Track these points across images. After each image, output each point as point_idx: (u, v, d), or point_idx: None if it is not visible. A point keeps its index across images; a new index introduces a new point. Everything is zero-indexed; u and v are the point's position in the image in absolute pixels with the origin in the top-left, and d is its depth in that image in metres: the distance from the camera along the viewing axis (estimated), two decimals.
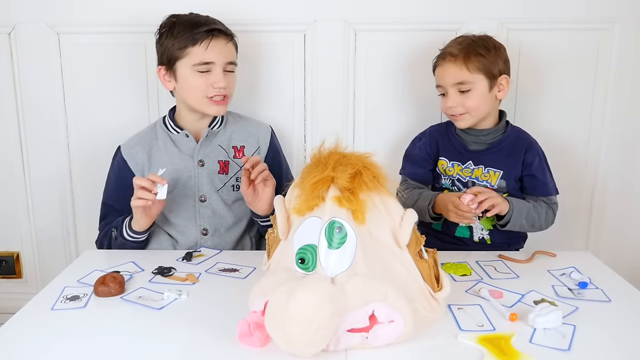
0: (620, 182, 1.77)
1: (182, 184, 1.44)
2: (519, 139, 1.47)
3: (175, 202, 1.44)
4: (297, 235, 0.92)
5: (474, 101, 1.41)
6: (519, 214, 1.36)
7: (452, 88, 1.42)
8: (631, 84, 1.70)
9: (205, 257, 1.32)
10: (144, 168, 1.45)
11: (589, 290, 1.11)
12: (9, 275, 1.88)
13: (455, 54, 1.41)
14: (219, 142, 1.47)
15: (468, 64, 1.39)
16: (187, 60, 1.39)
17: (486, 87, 1.41)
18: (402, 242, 0.94)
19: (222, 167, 1.46)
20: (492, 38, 1.45)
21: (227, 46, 1.43)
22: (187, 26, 1.40)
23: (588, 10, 1.65)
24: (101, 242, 1.46)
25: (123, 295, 1.09)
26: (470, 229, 1.47)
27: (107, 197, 1.49)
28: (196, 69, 1.39)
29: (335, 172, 0.91)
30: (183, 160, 1.44)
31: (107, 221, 1.46)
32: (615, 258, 1.64)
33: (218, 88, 1.40)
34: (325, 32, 1.68)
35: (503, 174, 1.43)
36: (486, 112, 1.44)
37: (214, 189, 1.45)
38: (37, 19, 1.68)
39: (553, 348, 0.89)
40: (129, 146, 1.47)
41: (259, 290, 0.91)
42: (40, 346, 0.91)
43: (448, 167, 1.49)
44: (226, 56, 1.42)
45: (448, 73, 1.42)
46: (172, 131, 1.47)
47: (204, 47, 1.38)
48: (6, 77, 1.73)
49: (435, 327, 0.95)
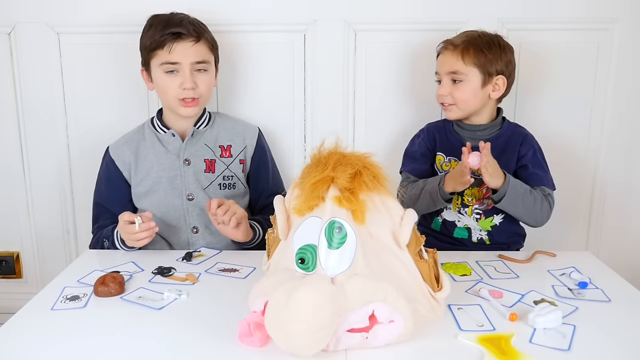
0: (620, 181, 1.77)
1: (169, 182, 1.45)
2: (514, 134, 1.47)
3: (164, 202, 1.45)
4: (297, 235, 0.92)
5: (463, 94, 1.43)
6: (514, 190, 1.34)
7: (446, 76, 1.45)
8: (631, 84, 1.70)
9: (205, 257, 1.32)
10: (131, 167, 1.47)
11: (589, 290, 1.11)
12: (9, 275, 1.88)
13: (456, 44, 1.43)
14: (206, 141, 1.49)
15: (465, 56, 1.41)
16: (156, 61, 1.42)
17: (479, 83, 1.42)
18: (402, 242, 0.94)
19: (209, 166, 1.47)
20: (502, 38, 1.45)
21: (195, 47, 1.42)
22: (157, 28, 1.42)
23: (588, 10, 1.65)
24: (94, 248, 1.46)
25: (123, 295, 1.09)
26: (469, 230, 1.47)
27: (98, 197, 1.51)
28: (164, 69, 1.42)
29: (335, 172, 0.91)
30: (169, 159, 1.46)
31: (100, 224, 1.47)
32: (615, 258, 1.63)
33: (185, 89, 1.41)
34: (325, 32, 1.68)
35: None
36: (475, 108, 1.45)
37: (201, 187, 1.46)
38: (37, 19, 1.68)
39: (553, 348, 0.89)
40: (117, 146, 1.50)
41: (258, 290, 0.91)
42: (40, 346, 0.91)
43: (444, 163, 1.49)
44: (194, 56, 1.42)
45: (445, 61, 1.45)
46: (159, 131, 1.49)
47: (167, 49, 1.40)
48: (6, 77, 1.73)
49: (435, 327, 0.95)
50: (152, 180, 1.46)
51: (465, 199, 1.46)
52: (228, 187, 1.49)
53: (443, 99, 1.46)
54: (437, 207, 1.43)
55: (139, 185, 1.47)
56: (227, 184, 1.48)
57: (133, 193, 1.48)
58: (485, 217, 1.45)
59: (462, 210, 1.46)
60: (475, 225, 1.46)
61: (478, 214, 1.45)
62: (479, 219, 1.45)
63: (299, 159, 1.77)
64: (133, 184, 1.48)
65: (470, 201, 1.45)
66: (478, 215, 1.45)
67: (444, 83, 1.46)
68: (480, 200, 1.44)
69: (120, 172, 1.47)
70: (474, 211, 1.45)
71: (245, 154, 1.52)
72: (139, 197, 1.48)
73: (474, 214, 1.45)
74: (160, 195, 1.45)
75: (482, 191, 1.44)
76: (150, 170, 1.46)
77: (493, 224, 1.45)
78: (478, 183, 1.41)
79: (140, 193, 1.47)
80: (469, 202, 1.45)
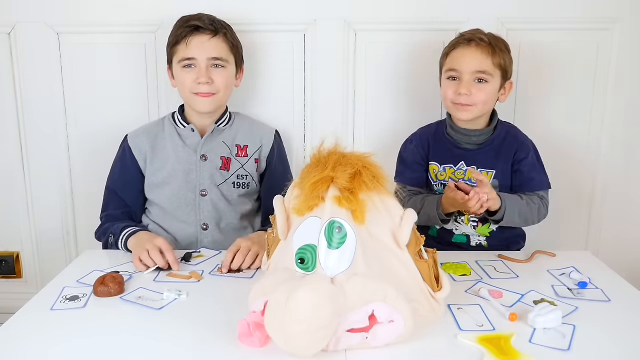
0: (620, 181, 1.77)
1: (184, 177, 1.45)
2: (508, 136, 1.44)
3: (177, 195, 1.46)
4: (297, 236, 0.92)
5: (486, 95, 1.36)
6: (511, 211, 1.33)
7: (470, 75, 1.36)
8: (631, 84, 1.70)
9: (205, 257, 1.32)
10: (147, 157, 1.48)
11: (588, 290, 1.11)
12: (9, 275, 1.88)
13: (486, 41, 1.36)
14: (224, 139, 1.50)
15: (494, 56, 1.35)
16: (176, 58, 1.46)
17: (497, 86, 1.39)
18: (402, 242, 0.94)
19: (224, 164, 1.48)
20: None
21: (212, 42, 1.44)
22: (180, 24, 1.46)
23: (588, 10, 1.65)
24: (99, 238, 1.47)
25: (123, 296, 1.09)
26: (468, 237, 1.46)
27: (111, 183, 1.51)
28: (182, 65, 1.44)
29: (335, 172, 0.91)
30: (186, 154, 1.47)
31: (109, 214, 1.47)
32: (615, 258, 1.63)
33: (201, 84, 1.42)
34: (325, 32, 1.68)
35: (496, 173, 1.42)
36: (488, 111, 1.43)
37: (215, 184, 1.46)
38: (37, 19, 1.68)
39: (553, 348, 0.89)
40: (136, 135, 1.51)
41: (258, 290, 0.91)
42: (39, 346, 0.91)
43: (439, 172, 1.46)
44: (210, 51, 1.43)
45: (472, 58, 1.36)
46: (180, 125, 1.50)
47: (184, 43, 1.43)
48: (6, 77, 1.73)
49: (435, 327, 0.95)
50: (167, 173, 1.46)
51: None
52: (241, 186, 1.49)
53: (460, 99, 1.37)
54: (435, 224, 1.44)
55: (153, 175, 1.47)
56: (241, 183, 1.49)
57: (146, 183, 1.49)
58: (482, 225, 1.44)
59: (459, 219, 1.45)
60: (473, 232, 1.45)
61: (475, 222, 1.44)
62: (477, 227, 1.44)
63: (299, 159, 1.77)
64: (147, 174, 1.48)
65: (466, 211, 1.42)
66: (475, 223, 1.44)
67: (465, 81, 1.36)
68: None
69: (136, 160, 1.47)
70: (470, 219, 1.44)
71: (261, 154, 1.53)
72: (152, 188, 1.48)
73: (471, 222, 1.44)
74: (174, 188, 1.46)
75: None
76: (166, 162, 1.46)
77: (491, 230, 1.44)
78: None
79: (154, 184, 1.47)
80: (464, 212, 1.43)
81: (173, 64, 1.48)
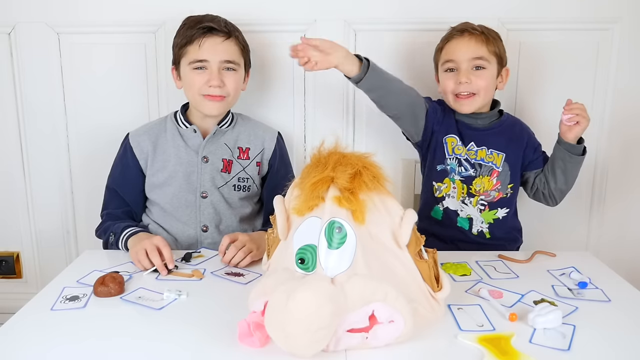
0: (620, 182, 1.77)
1: (185, 178, 1.45)
2: (517, 125, 1.49)
3: (177, 196, 1.45)
4: (297, 236, 0.92)
5: (485, 81, 1.38)
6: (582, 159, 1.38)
7: (467, 63, 1.39)
8: (631, 84, 1.70)
9: (205, 257, 1.32)
10: (148, 157, 1.47)
11: (588, 290, 1.12)
12: (9, 275, 1.88)
13: (479, 30, 1.40)
14: (226, 140, 1.49)
15: (488, 44, 1.39)
16: (186, 59, 1.43)
17: (495, 73, 1.42)
18: (401, 242, 0.94)
19: (225, 166, 1.47)
20: None
21: (225, 44, 1.43)
22: (189, 26, 1.43)
23: (588, 10, 1.65)
24: (99, 236, 1.47)
25: (123, 296, 1.09)
26: (470, 221, 1.46)
27: (112, 182, 1.50)
28: (192, 67, 1.42)
29: (335, 172, 0.91)
30: (188, 155, 1.46)
31: (110, 212, 1.47)
32: (615, 258, 1.64)
33: (212, 87, 1.41)
34: (325, 32, 1.67)
35: (506, 156, 1.43)
36: (489, 99, 1.45)
37: (215, 186, 1.46)
38: (37, 19, 1.68)
39: (553, 348, 0.89)
40: (137, 134, 1.50)
41: (258, 291, 0.91)
42: (39, 346, 0.91)
43: (457, 146, 1.44)
44: (222, 54, 1.42)
45: (468, 47, 1.39)
46: (182, 125, 1.49)
47: (197, 45, 1.41)
48: (6, 77, 1.73)
49: (435, 327, 0.95)
50: (168, 173, 1.46)
51: (472, 189, 1.44)
52: (242, 189, 1.49)
53: (460, 88, 1.38)
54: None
55: (154, 176, 1.47)
56: (242, 186, 1.48)
57: (147, 183, 1.48)
58: (489, 209, 1.45)
59: (467, 200, 1.45)
60: (478, 216, 1.45)
61: (483, 205, 1.45)
62: (483, 210, 1.45)
63: (299, 159, 1.77)
64: (148, 174, 1.48)
65: (478, 191, 1.43)
66: (482, 206, 1.45)
67: (464, 69, 1.38)
68: (487, 192, 1.43)
69: (137, 159, 1.47)
70: (479, 202, 1.45)
71: (262, 156, 1.52)
72: (153, 188, 1.48)
73: (479, 205, 1.45)
74: (174, 189, 1.45)
75: (491, 181, 1.43)
76: (167, 162, 1.46)
77: (496, 217, 1.45)
78: (488, 171, 1.40)
79: (154, 184, 1.47)
80: (476, 192, 1.43)
81: (181, 64, 1.45)
